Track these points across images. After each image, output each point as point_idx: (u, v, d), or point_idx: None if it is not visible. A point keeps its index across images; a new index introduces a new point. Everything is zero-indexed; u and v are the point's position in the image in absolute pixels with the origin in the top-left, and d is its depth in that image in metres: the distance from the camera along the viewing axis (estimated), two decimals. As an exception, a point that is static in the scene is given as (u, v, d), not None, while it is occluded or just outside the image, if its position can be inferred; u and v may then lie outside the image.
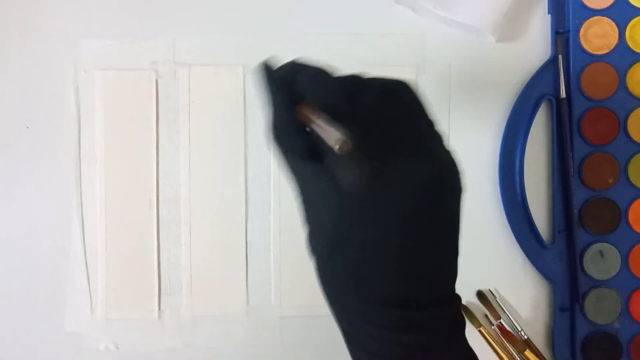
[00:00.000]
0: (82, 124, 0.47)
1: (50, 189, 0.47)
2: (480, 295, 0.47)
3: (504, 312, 0.47)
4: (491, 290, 0.47)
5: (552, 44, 0.46)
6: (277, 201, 0.47)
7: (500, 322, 0.46)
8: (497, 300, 0.47)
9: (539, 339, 0.47)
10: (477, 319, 0.47)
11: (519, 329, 0.46)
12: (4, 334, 0.47)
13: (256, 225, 0.47)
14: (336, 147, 0.25)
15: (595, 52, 0.46)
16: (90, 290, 0.47)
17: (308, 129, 0.29)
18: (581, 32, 0.46)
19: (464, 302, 0.47)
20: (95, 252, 0.47)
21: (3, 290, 0.47)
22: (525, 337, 0.46)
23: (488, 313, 0.47)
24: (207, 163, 0.47)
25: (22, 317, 0.47)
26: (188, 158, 0.47)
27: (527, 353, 0.45)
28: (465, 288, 0.47)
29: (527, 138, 0.46)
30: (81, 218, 0.47)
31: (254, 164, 0.47)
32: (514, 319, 0.47)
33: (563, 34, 0.46)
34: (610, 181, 0.46)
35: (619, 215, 0.46)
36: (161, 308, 0.47)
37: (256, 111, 0.47)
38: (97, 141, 0.47)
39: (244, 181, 0.47)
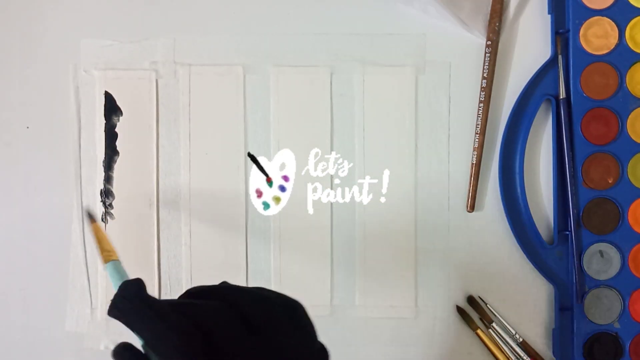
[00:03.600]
0: (82, 124, 0.47)
1: (50, 188, 0.47)
2: (471, 300, 0.47)
3: (495, 316, 0.46)
4: (480, 296, 0.47)
5: (552, 44, 0.46)
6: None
7: (492, 326, 0.46)
8: (488, 306, 0.47)
9: (539, 339, 0.47)
10: (474, 322, 0.47)
11: (513, 332, 0.46)
12: (5, 333, 0.48)
13: (256, 224, 0.47)
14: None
15: (595, 52, 0.46)
16: (90, 290, 0.47)
17: None
18: (581, 32, 0.46)
19: (461, 304, 0.47)
20: (96, 252, 0.47)
21: (3, 290, 0.48)
22: (521, 339, 0.46)
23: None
24: (207, 163, 0.47)
25: (22, 316, 0.48)
26: (188, 158, 0.47)
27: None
28: (465, 288, 0.47)
29: (527, 138, 0.46)
30: (81, 218, 0.47)
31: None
32: (506, 321, 0.46)
33: (563, 34, 0.46)
34: (610, 181, 0.46)
35: (619, 215, 0.46)
36: (161, 308, 0.47)
37: (256, 111, 0.47)
38: (97, 141, 0.47)
39: (244, 181, 0.47)
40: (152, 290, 0.47)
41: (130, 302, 0.30)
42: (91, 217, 0.42)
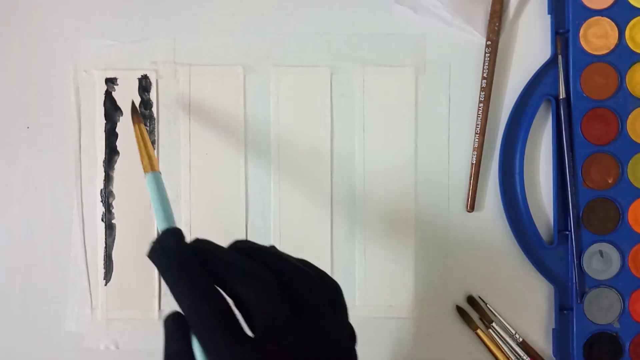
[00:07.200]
0: (83, 124, 0.47)
1: (50, 189, 0.47)
2: (471, 300, 0.47)
3: (495, 315, 0.47)
4: (480, 296, 0.47)
5: (552, 44, 0.46)
6: (277, 201, 0.47)
7: (492, 326, 0.46)
8: (488, 306, 0.47)
9: (539, 339, 0.47)
10: (474, 322, 0.47)
11: (513, 332, 0.46)
12: (4, 333, 0.48)
13: (256, 225, 0.47)
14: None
15: (595, 52, 0.46)
16: (90, 290, 0.47)
17: None
18: (581, 33, 0.46)
19: (461, 304, 0.47)
20: (96, 252, 0.47)
21: (3, 289, 0.48)
22: (521, 339, 0.46)
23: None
24: (207, 163, 0.47)
25: (22, 316, 0.48)
26: (188, 158, 0.47)
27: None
28: (465, 288, 0.47)
29: (527, 138, 0.46)
30: (81, 218, 0.47)
31: (254, 164, 0.47)
32: (506, 321, 0.46)
33: (563, 34, 0.46)
34: (610, 181, 0.46)
35: (618, 215, 0.46)
36: (162, 308, 0.47)
37: (256, 111, 0.47)
38: (97, 141, 0.47)
39: (244, 181, 0.47)
40: (153, 290, 0.47)
41: (168, 258, 0.28)
42: (137, 115, 0.37)
